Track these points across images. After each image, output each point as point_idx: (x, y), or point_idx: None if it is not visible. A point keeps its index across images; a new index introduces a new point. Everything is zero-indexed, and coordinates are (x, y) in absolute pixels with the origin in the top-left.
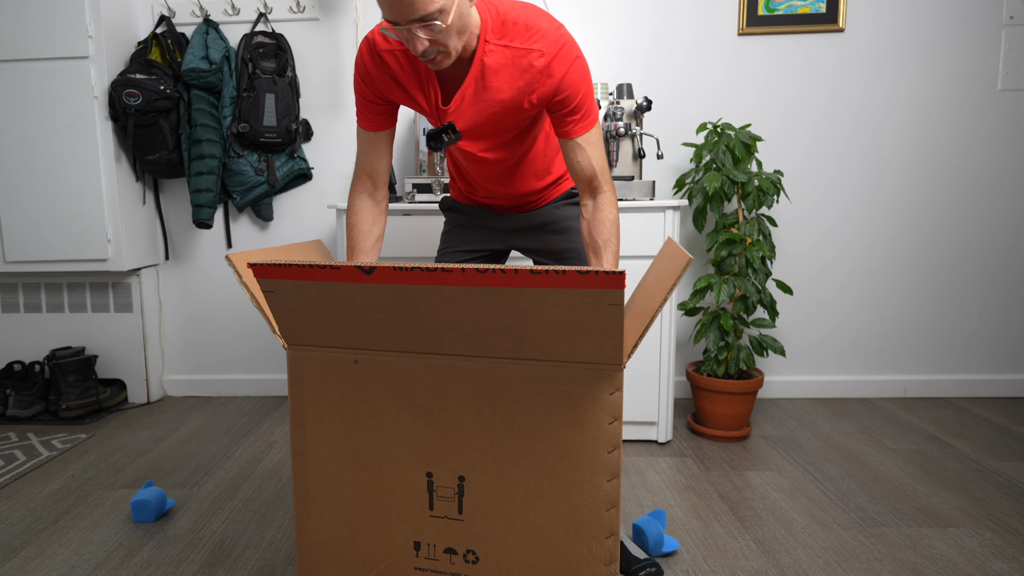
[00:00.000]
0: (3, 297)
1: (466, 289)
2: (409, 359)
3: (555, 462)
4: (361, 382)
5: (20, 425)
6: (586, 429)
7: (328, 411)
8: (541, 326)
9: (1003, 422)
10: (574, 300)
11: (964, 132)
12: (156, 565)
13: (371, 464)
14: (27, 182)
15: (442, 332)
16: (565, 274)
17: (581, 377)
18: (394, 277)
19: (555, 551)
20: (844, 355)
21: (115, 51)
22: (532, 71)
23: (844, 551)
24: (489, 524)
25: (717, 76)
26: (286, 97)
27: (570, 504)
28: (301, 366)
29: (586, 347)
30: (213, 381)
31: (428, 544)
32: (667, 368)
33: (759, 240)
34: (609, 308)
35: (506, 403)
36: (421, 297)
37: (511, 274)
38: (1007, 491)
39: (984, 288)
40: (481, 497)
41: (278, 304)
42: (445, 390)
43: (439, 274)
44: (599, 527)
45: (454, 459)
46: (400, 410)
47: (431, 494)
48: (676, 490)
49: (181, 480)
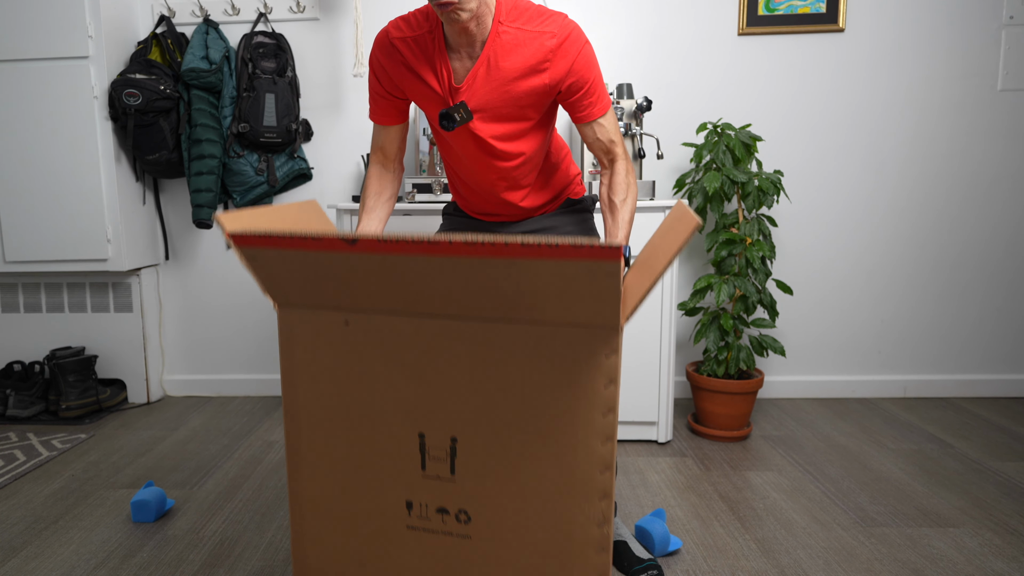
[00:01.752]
0: (3, 297)
1: (454, 259)
2: (401, 320)
3: (548, 424)
4: (352, 343)
5: (20, 425)
6: (581, 392)
7: (319, 371)
8: (535, 292)
9: (1003, 422)
10: (567, 270)
11: (964, 132)
12: (156, 565)
13: (363, 424)
14: (27, 182)
15: (432, 297)
16: (558, 247)
17: (577, 339)
18: (378, 247)
19: (547, 512)
20: (844, 355)
21: (115, 51)
22: (544, 51)
23: (844, 551)
24: (481, 485)
25: (717, 76)
26: (286, 97)
27: (563, 466)
28: (292, 326)
29: (582, 311)
30: (213, 381)
31: (420, 504)
32: (667, 368)
33: (759, 240)
34: (605, 278)
35: (499, 365)
36: (409, 266)
37: (500, 246)
38: (1007, 491)
39: (984, 288)
40: (473, 458)
41: (263, 270)
42: (437, 351)
43: (425, 245)
44: (592, 489)
45: (446, 420)
46: (392, 371)
47: (423, 455)
48: (676, 490)
49: (181, 480)
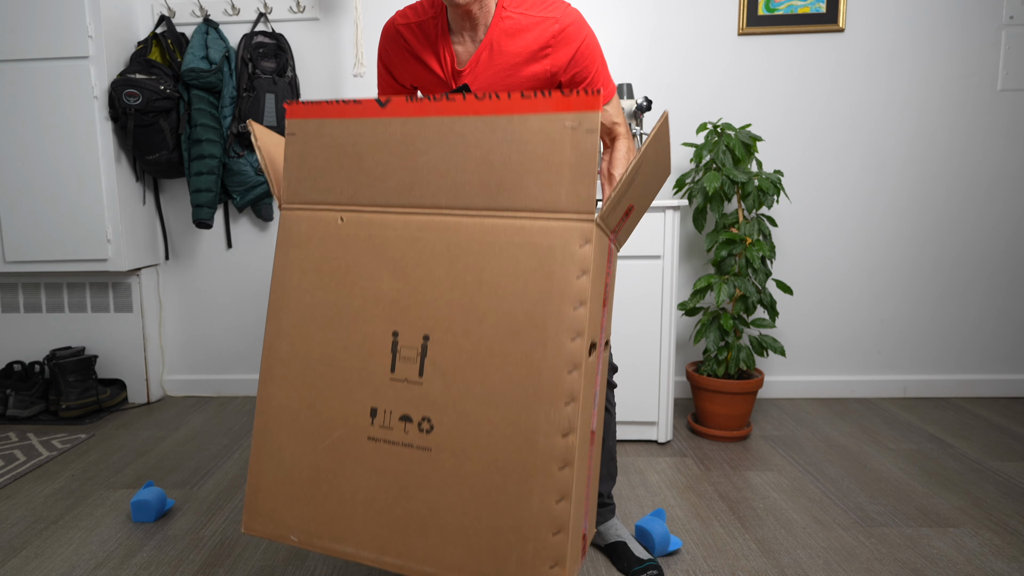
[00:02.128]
0: (3, 297)
1: (464, 120)
2: (391, 215)
3: (520, 318)
4: (343, 239)
5: (20, 425)
6: (554, 282)
7: (308, 268)
8: (523, 161)
9: (1003, 422)
10: (555, 127)
11: (964, 132)
12: (156, 565)
13: (340, 323)
14: (27, 182)
15: (430, 177)
16: (551, 95)
17: (552, 228)
18: (406, 109)
19: (511, 419)
20: (844, 355)
21: (115, 51)
22: (546, 36)
23: (844, 551)
24: (448, 388)
25: (717, 76)
26: (286, 97)
27: (531, 364)
28: (290, 226)
29: (561, 190)
30: (213, 381)
31: (385, 411)
32: (667, 368)
33: (759, 240)
34: (585, 135)
35: (477, 256)
36: (421, 132)
37: (504, 99)
38: (1007, 491)
39: (984, 288)
40: (443, 357)
41: (295, 149)
42: (420, 244)
43: (443, 103)
44: (559, 392)
45: (421, 317)
46: (376, 266)
47: (394, 355)
48: (676, 490)
49: (181, 480)
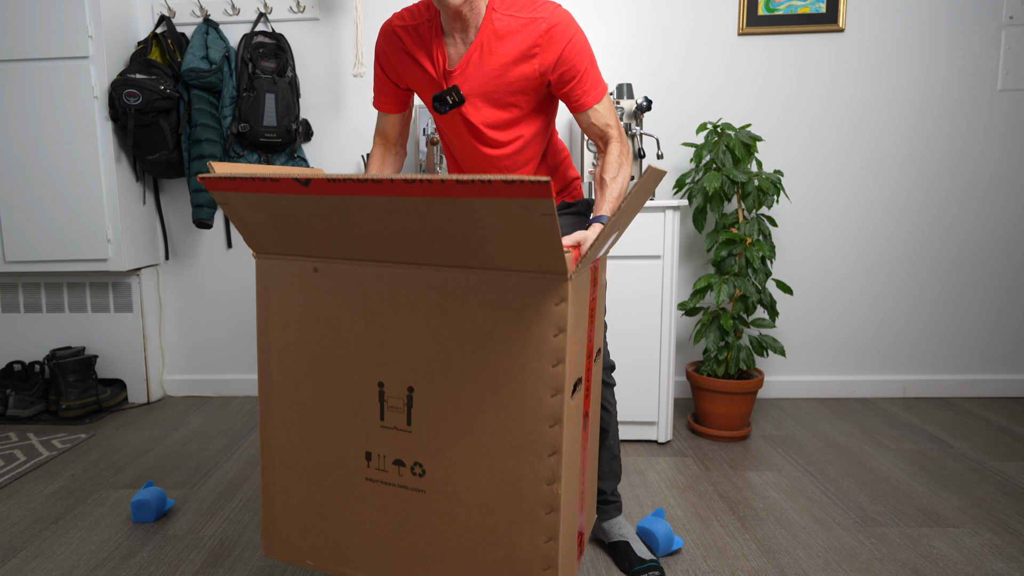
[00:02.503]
0: (3, 297)
1: (400, 200)
2: (364, 267)
3: (500, 374)
4: (321, 290)
5: (20, 425)
6: (530, 341)
7: (291, 319)
8: (480, 235)
9: (1003, 422)
10: (506, 209)
11: (964, 132)
12: (156, 565)
13: (328, 372)
14: (27, 182)
15: (389, 241)
16: (491, 183)
17: (526, 286)
18: (329, 188)
19: (498, 467)
20: (844, 355)
21: (115, 51)
22: (534, 36)
23: (844, 551)
24: (436, 437)
25: (717, 76)
26: (286, 97)
27: (513, 418)
28: (267, 274)
29: (528, 254)
30: (213, 381)
31: (379, 455)
32: (667, 368)
33: (759, 240)
34: (542, 218)
35: (454, 312)
36: (362, 207)
37: (438, 184)
38: (1007, 491)
39: (983, 288)
40: (429, 409)
41: (235, 215)
42: (397, 298)
43: (370, 185)
44: (541, 444)
45: (404, 369)
46: (355, 318)
47: (382, 404)
48: (676, 490)
49: (181, 480)
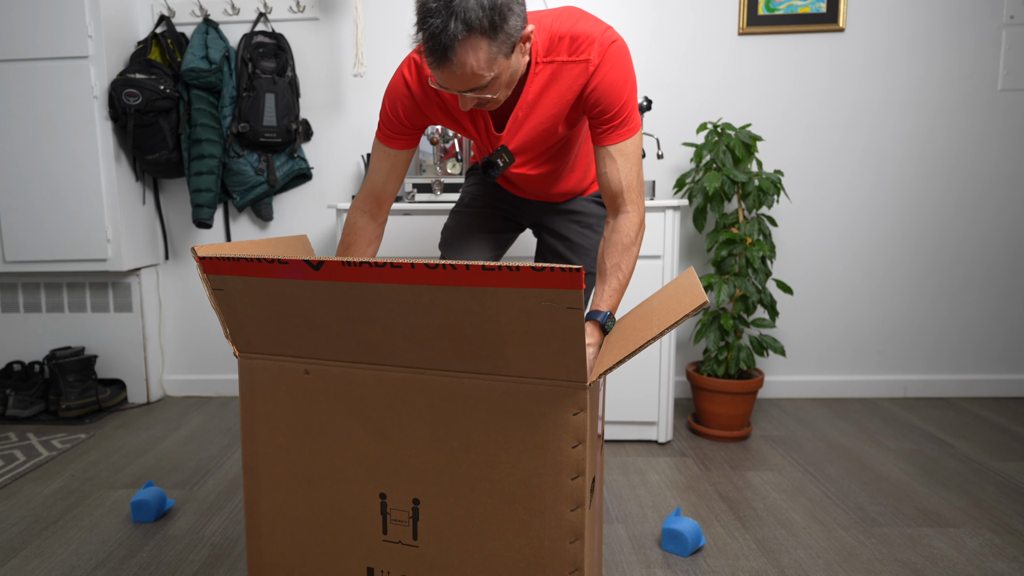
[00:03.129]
0: (3, 297)
1: (416, 288)
2: (362, 371)
3: (515, 487)
4: (312, 394)
5: (20, 425)
6: (547, 453)
7: (279, 424)
8: (497, 332)
9: (1003, 422)
10: (529, 302)
11: (964, 132)
12: (156, 565)
13: (323, 482)
14: (27, 182)
15: (394, 339)
16: (519, 270)
17: (542, 395)
18: (343, 273)
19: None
20: (844, 355)
21: (115, 51)
22: (580, 83)
23: (844, 551)
24: (445, 553)
25: (717, 76)
26: (286, 97)
27: (530, 534)
28: (252, 376)
29: (546, 359)
30: (213, 381)
31: (382, 571)
32: (667, 368)
33: (759, 240)
34: (568, 312)
35: (462, 421)
36: (371, 297)
37: (462, 270)
38: (1007, 491)
39: (983, 288)
40: (436, 522)
41: (228, 305)
42: (399, 405)
43: (388, 270)
44: (562, 561)
45: (408, 480)
46: (352, 426)
47: (384, 517)
48: (676, 490)
49: (181, 480)
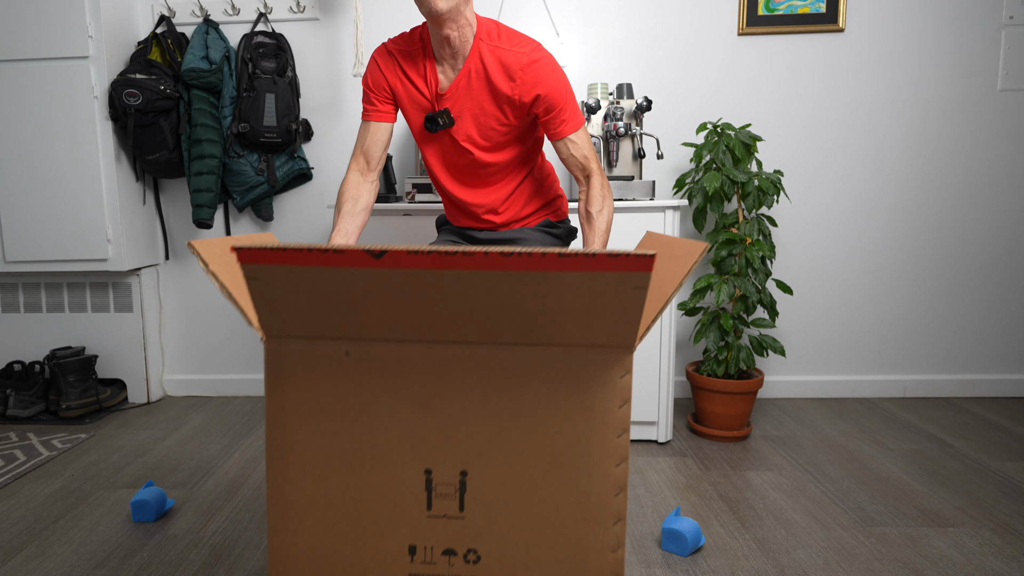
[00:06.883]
0: (3, 297)
1: (484, 274)
2: (409, 348)
3: (564, 449)
4: (353, 375)
5: (20, 425)
6: (596, 414)
7: (313, 409)
8: (559, 310)
9: (1003, 422)
10: (598, 283)
11: (964, 132)
12: (156, 565)
13: (362, 465)
14: (27, 182)
15: (450, 318)
16: (595, 257)
17: (592, 360)
18: (408, 261)
19: (561, 542)
20: (844, 355)
21: (115, 51)
22: (517, 68)
23: (844, 551)
24: (492, 520)
25: (717, 76)
26: (286, 97)
27: (578, 492)
28: (282, 360)
29: (601, 330)
30: (213, 381)
31: (425, 547)
32: (667, 368)
33: (759, 240)
34: (633, 291)
35: (513, 390)
36: (434, 283)
37: (537, 257)
38: (1007, 491)
39: (983, 288)
40: (484, 492)
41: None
42: (448, 380)
43: (459, 258)
44: (607, 513)
45: (456, 453)
46: (397, 404)
47: (429, 492)
48: (676, 490)
49: (181, 480)
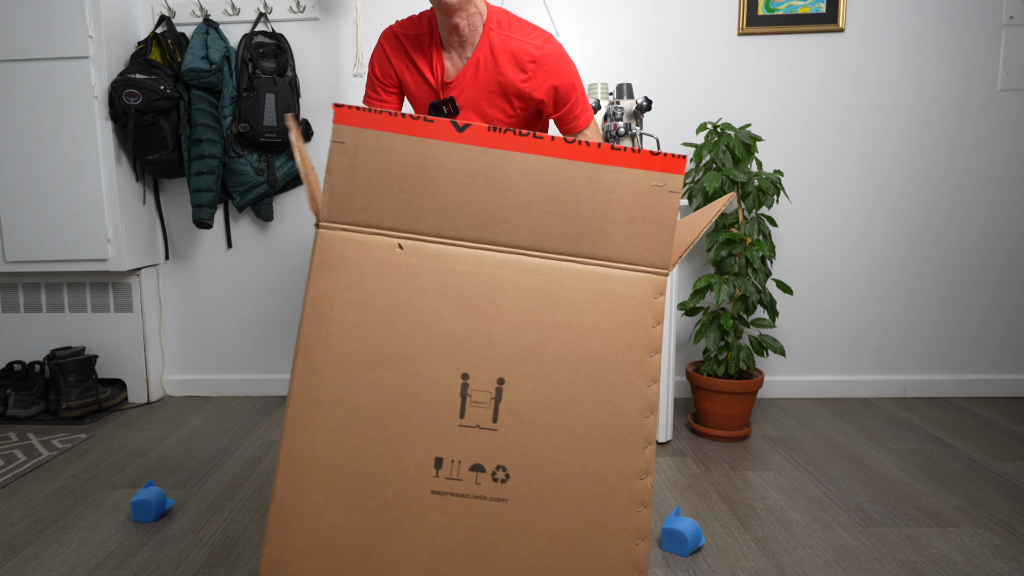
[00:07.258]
0: (3, 297)
1: (546, 160)
2: (461, 249)
3: (601, 363)
4: (402, 269)
5: (20, 425)
6: (632, 331)
7: (357, 300)
8: (608, 210)
9: (1003, 422)
10: (641, 182)
11: (964, 132)
12: (156, 565)
13: (398, 363)
14: (27, 182)
15: (510, 213)
16: (640, 152)
17: (631, 279)
18: (485, 139)
19: (592, 464)
20: (844, 355)
21: (115, 51)
22: (528, 59)
23: (844, 551)
24: (525, 434)
25: (717, 76)
26: (286, 97)
27: (612, 409)
28: (332, 247)
29: (640, 243)
30: (213, 381)
31: (452, 460)
32: (667, 368)
33: (759, 240)
34: (669, 196)
35: (557, 300)
36: (502, 166)
37: (594, 147)
38: (1007, 491)
39: (984, 288)
40: (520, 402)
41: (344, 160)
42: (496, 284)
43: (529, 140)
44: (638, 435)
45: (495, 359)
46: (442, 304)
47: (464, 399)
48: (676, 490)
49: (181, 480)
